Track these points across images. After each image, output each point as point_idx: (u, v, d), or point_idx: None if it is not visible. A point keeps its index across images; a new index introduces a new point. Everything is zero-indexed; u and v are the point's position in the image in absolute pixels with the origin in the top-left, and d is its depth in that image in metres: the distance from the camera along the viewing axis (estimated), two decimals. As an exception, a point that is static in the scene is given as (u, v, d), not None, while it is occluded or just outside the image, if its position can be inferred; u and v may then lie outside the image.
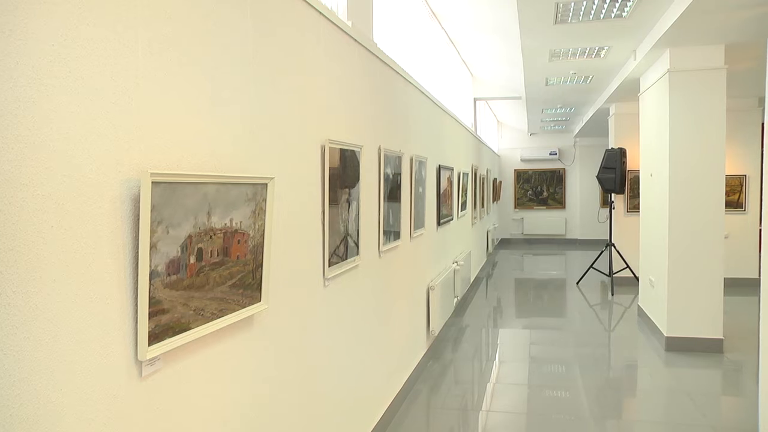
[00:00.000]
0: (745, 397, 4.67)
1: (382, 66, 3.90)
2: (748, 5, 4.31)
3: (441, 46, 7.00)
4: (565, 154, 16.10)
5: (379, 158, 3.74)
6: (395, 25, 5.03)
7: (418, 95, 5.03)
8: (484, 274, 11.01)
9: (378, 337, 3.91)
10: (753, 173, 8.78)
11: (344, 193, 3.10)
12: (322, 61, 2.86)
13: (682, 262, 5.91)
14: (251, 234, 2.07)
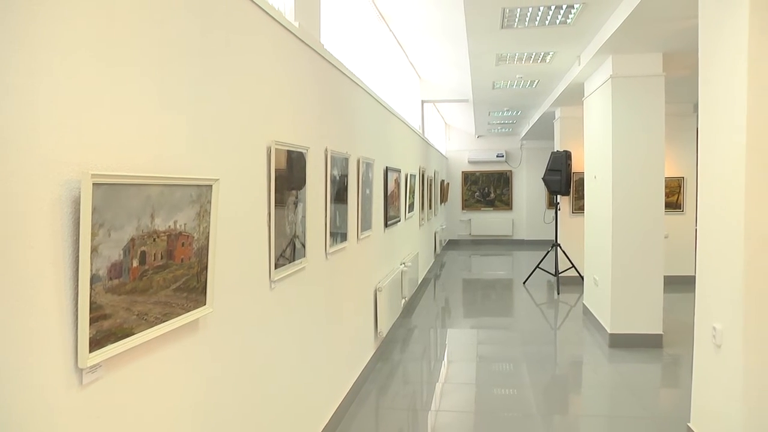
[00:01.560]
0: (682, 388, 4.85)
1: (329, 67, 3.90)
2: (682, 17, 4.48)
3: (389, 49, 7.03)
4: (512, 156, 16.38)
5: (325, 160, 3.74)
6: (343, 27, 5.03)
7: (366, 97, 5.04)
8: (432, 275, 11.10)
9: (326, 339, 3.90)
10: (690, 176, 9.12)
11: (291, 195, 3.09)
12: (268, 61, 2.84)
13: (624, 262, 6.09)
14: (196, 236, 2.04)
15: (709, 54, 3.50)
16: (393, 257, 6.59)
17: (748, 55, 3.01)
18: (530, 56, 6.79)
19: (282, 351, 3.08)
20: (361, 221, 4.75)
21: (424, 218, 9.73)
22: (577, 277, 9.20)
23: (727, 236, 3.24)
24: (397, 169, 6.65)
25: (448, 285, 10.50)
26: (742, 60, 3.06)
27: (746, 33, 3.01)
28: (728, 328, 3.23)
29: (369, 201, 5.08)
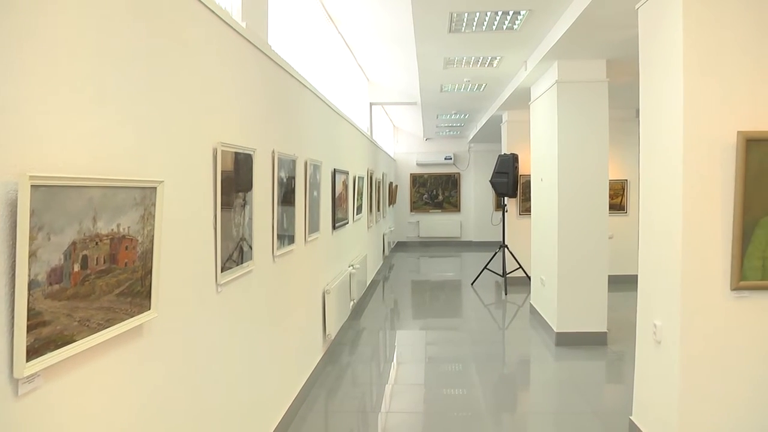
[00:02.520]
0: (625, 384, 4.99)
1: (276, 69, 3.87)
2: (624, 26, 4.62)
3: (337, 51, 7.02)
4: (459, 159, 16.56)
5: (273, 162, 3.70)
6: (291, 28, 4.99)
7: (314, 99, 5.02)
8: (380, 276, 11.12)
9: (273, 343, 3.86)
10: (633, 178, 9.40)
11: (238, 197, 3.05)
12: (215, 62, 2.80)
13: (570, 262, 6.23)
14: (140, 240, 2.00)
15: (649, 63, 3.63)
16: (341, 259, 6.58)
17: (683, 65, 3.12)
18: (478, 60, 6.88)
19: (229, 355, 3.03)
20: (309, 223, 4.73)
21: (372, 220, 9.74)
22: (524, 278, 9.36)
23: (667, 237, 3.35)
24: (345, 171, 6.64)
25: (396, 286, 10.54)
26: (677, 69, 3.17)
27: (681, 44, 3.12)
28: (667, 325, 3.34)
29: (317, 203, 5.06)
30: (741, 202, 3.06)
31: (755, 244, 3.10)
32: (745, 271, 3.11)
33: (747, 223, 3.08)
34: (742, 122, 3.09)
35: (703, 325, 3.18)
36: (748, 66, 3.11)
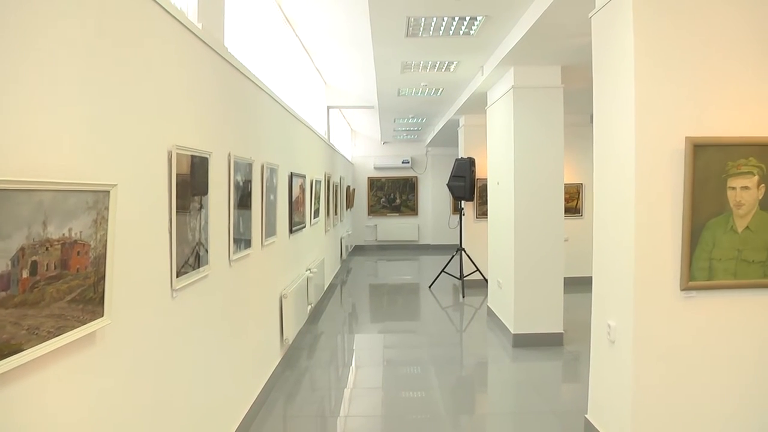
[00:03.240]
0: (581, 383, 5.07)
1: (233, 71, 3.82)
2: (578, 34, 4.72)
3: (295, 54, 6.98)
4: (417, 163, 16.64)
5: (229, 165, 3.66)
6: (248, 30, 4.94)
7: (270, 102, 4.98)
8: (338, 280, 11.09)
9: (230, 348, 3.81)
10: (588, 182, 9.58)
11: (193, 201, 3.00)
12: (170, 63, 2.75)
13: (526, 265, 6.31)
14: (93, 245, 1.95)
15: (601, 70, 3.71)
16: (298, 263, 6.54)
17: (634, 72, 3.20)
18: (435, 65, 6.93)
19: (185, 361, 2.98)
20: (266, 227, 4.68)
21: (330, 224, 9.71)
22: (482, 280, 9.45)
23: (619, 239, 3.43)
24: (302, 175, 6.60)
25: (354, 290, 10.52)
26: (629, 77, 3.25)
27: (632, 52, 3.20)
28: (620, 325, 3.42)
29: (273, 207, 5.01)
30: (689, 205, 3.16)
31: (702, 246, 3.20)
32: (694, 272, 3.21)
33: (695, 226, 3.18)
34: (690, 128, 3.19)
35: (655, 325, 3.26)
36: (695, 74, 3.21)
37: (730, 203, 3.19)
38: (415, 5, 4.78)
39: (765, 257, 3.25)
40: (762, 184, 3.20)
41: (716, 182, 3.17)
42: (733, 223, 3.20)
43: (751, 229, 3.22)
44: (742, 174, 3.18)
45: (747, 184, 3.18)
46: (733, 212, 3.20)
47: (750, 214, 3.21)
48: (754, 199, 3.20)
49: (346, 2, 5.45)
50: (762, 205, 3.21)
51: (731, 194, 3.18)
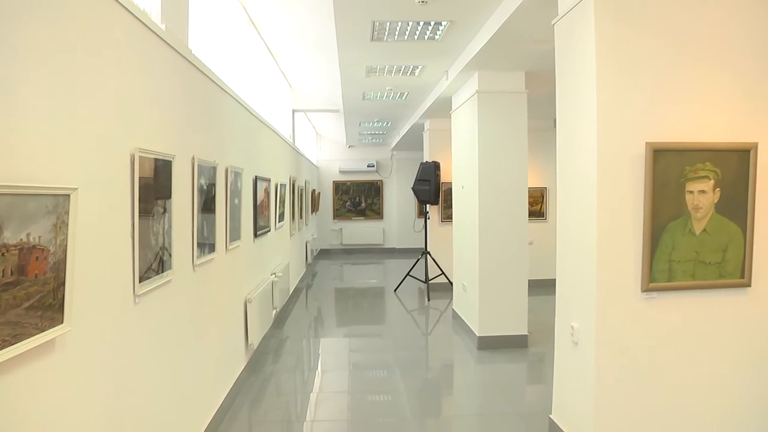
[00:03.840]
0: (545, 384, 5.14)
1: (197, 73, 3.78)
2: (542, 40, 4.78)
3: (260, 56, 6.93)
4: (382, 167, 16.66)
5: (192, 168, 3.61)
6: (212, 32, 4.89)
7: (235, 105, 4.94)
8: (303, 284, 11.03)
9: (194, 353, 3.76)
10: (552, 186, 9.71)
11: (157, 205, 2.95)
12: (132, 64, 2.70)
13: (491, 268, 6.37)
14: (52, 250, 1.90)
15: (564, 76, 3.77)
16: (263, 267, 6.48)
17: (596, 79, 3.26)
18: (400, 69, 6.96)
19: (148, 368, 2.93)
20: (230, 231, 4.63)
21: (295, 228, 9.66)
22: (447, 284, 9.50)
23: (582, 242, 3.48)
24: (267, 179, 6.56)
25: (320, 294, 10.48)
26: (591, 83, 3.31)
27: (593, 59, 3.27)
28: (583, 326, 3.47)
29: (238, 211, 4.97)
30: (650, 208, 3.23)
31: (662, 248, 3.27)
32: (654, 274, 3.28)
33: (655, 229, 3.25)
34: (650, 134, 3.26)
35: (617, 326, 3.32)
36: (655, 81, 3.29)
37: (688, 207, 3.27)
38: (380, 9, 4.79)
39: (720, 259, 3.34)
40: (717, 188, 3.29)
41: (675, 186, 3.25)
42: (691, 225, 3.29)
43: (708, 232, 3.31)
44: (699, 178, 3.27)
45: (704, 188, 3.27)
46: (691, 215, 3.28)
47: (707, 217, 3.30)
48: (710, 202, 3.29)
49: (311, 5, 5.44)
50: (718, 208, 3.31)
51: (689, 198, 3.27)
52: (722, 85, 3.36)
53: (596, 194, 3.28)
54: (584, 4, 3.35)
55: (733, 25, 3.36)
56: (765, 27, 3.40)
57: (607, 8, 3.26)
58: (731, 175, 3.31)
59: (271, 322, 6.69)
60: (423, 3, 4.51)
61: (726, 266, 3.36)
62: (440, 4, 4.61)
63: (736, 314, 3.43)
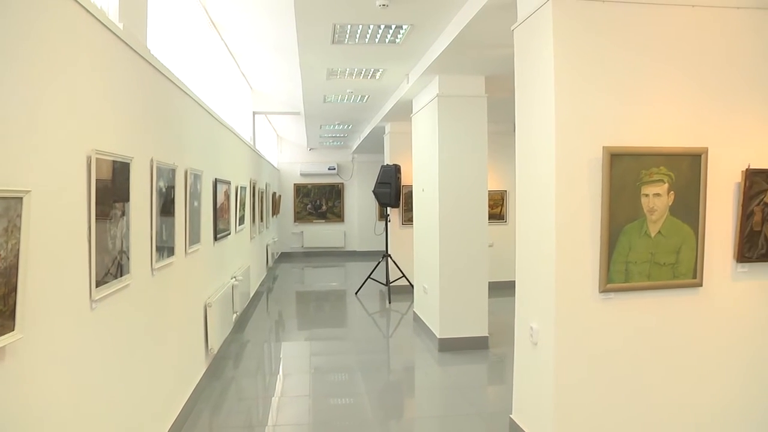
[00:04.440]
0: (506, 384, 5.19)
1: (156, 74, 3.72)
2: (502, 45, 4.84)
3: (220, 58, 6.86)
4: (343, 169, 16.63)
5: (151, 171, 3.55)
6: (172, 33, 4.82)
7: (195, 106, 4.87)
8: (264, 288, 10.94)
9: (153, 359, 3.69)
10: (512, 189, 9.80)
11: (114, 208, 2.89)
12: (89, 64, 2.64)
13: (451, 270, 6.41)
14: (3, 254, 1.84)
15: (523, 81, 3.83)
16: (223, 271, 6.41)
17: (554, 84, 3.32)
18: (360, 72, 6.96)
19: (105, 374, 2.86)
20: (190, 235, 4.57)
21: (255, 231, 9.57)
22: (408, 286, 9.53)
23: (541, 244, 3.54)
24: (227, 181, 6.49)
25: (281, 298, 10.41)
26: (549, 88, 3.37)
27: (552, 65, 3.32)
28: (542, 327, 3.52)
29: (197, 214, 4.90)
30: (607, 211, 3.30)
31: (619, 249, 3.35)
32: (612, 275, 3.35)
33: (612, 231, 3.32)
34: (607, 138, 3.34)
35: (575, 326, 3.39)
36: (612, 86, 3.37)
37: (644, 209, 3.36)
38: (342, 12, 4.78)
39: (675, 260, 3.44)
40: (672, 191, 3.38)
41: (631, 189, 3.33)
42: (647, 228, 3.37)
43: (662, 234, 3.40)
44: (654, 182, 3.35)
45: (659, 192, 3.36)
46: (647, 218, 3.37)
47: (662, 219, 3.39)
48: (665, 205, 3.38)
49: (272, 7, 5.41)
50: (672, 211, 3.40)
51: (645, 201, 3.35)
52: (676, 92, 3.47)
53: (554, 197, 3.34)
54: (543, 10, 3.40)
55: (688, 33, 3.47)
56: (718, 36, 3.51)
57: (565, 15, 3.32)
58: (684, 179, 3.41)
59: (232, 327, 6.62)
60: (384, 6, 4.52)
61: (679, 267, 3.46)
62: (401, 8, 4.63)
63: (688, 313, 3.54)
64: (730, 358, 3.61)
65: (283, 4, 4.87)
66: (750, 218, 3.56)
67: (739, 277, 3.63)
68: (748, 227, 3.56)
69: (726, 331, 3.61)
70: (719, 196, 3.54)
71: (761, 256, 3.61)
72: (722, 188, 3.55)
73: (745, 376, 3.64)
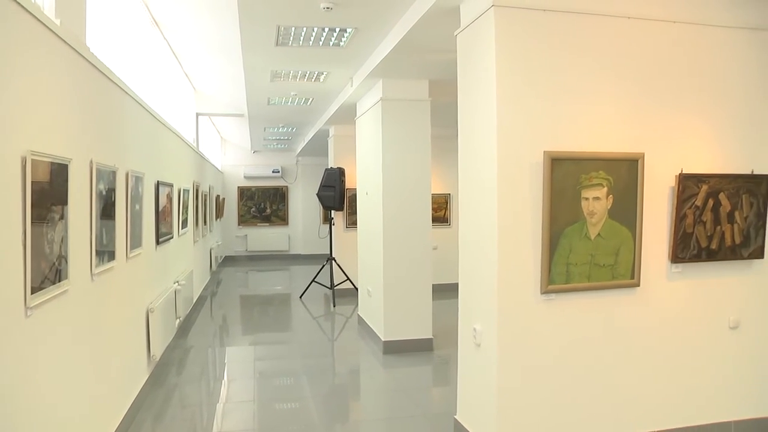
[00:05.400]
0: (450, 386, 5.24)
1: (95, 73, 3.62)
2: (445, 50, 4.89)
3: (163, 57, 6.72)
4: (287, 172, 16.52)
5: (91, 173, 3.45)
6: (112, 30, 4.70)
7: (136, 107, 4.76)
8: (208, 292, 10.76)
9: (92, 367, 3.58)
10: (456, 192, 9.91)
11: (51, 211, 2.80)
12: (24, 63, 2.56)
13: (395, 273, 6.44)
14: (-66, 259, 1.77)
15: (466, 86, 3.89)
16: (166, 276, 6.28)
17: (496, 90, 3.39)
18: (305, 75, 6.93)
19: (41, 384, 2.76)
20: (131, 239, 4.46)
21: (198, 234, 9.40)
22: (352, 289, 9.52)
23: (483, 247, 3.60)
24: (170, 184, 6.36)
25: (225, 302, 10.26)
26: (491, 94, 3.44)
27: (494, 72, 3.39)
28: (485, 328, 3.58)
29: (139, 217, 4.79)
30: (548, 214, 3.39)
31: (560, 251, 3.44)
32: (553, 276, 3.44)
33: (554, 233, 3.41)
34: (548, 143, 3.43)
35: (517, 327, 3.46)
36: (553, 92, 3.47)
37: (584, 212, 3.47)
38: (286, 14, 4.76)
39: (613, 261, 3.56)
40: (610, 195, 3.51)
41: (572, 193, 3.43)
42: (587, 230, 3.48)
43: (602, 236, 3.51)
44: (593, 186, 3.46)
45: (598, 195, 3.47)
46: (587, 221, 3.48)
47: (601, 222, 3.50)
48: (604, 208, 3.50)
49: (215, 7, 5.33)
50: (611, 214, 3.52)
51: (585, 204, 3.46)
52: (615, 99, 3.60)
53: (496, 201, 3.40)
54: (485, 17, 3.47)
55: (625, 43, 3.61)
56: (654, 46, 3.66)
57: (507, 22, 3.39)
58: (622, 183, 3.54)
59: (175, 332, 6.49)
60: (328, 9, 4.52)
61: (618, 268, 3.58)
62: (345, 12, 4.64)
63: (627, 312, 3.68)
64: (666, 353, 3.78)
65: (227, 4, 4.81)
66: (683, 221, 3.72)
67: (673, 276, 3.80)
68: (681, 229, 3.72)
69: (661, 327, 3.77)
70: (655, 200, 3.70)
71: (693, 257, 3.78)
72: (657, 192, 3.71)
73: (678, 368, 3.83)
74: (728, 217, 3.83)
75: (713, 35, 3.79)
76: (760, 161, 3.92)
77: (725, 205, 3.81)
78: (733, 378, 3.95)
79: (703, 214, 3.77)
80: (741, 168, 3.87)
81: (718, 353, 3.92)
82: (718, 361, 3.92)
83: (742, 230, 3.88)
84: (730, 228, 3.85)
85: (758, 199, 3.88)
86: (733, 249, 3.88)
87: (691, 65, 3.76)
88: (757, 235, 3.92)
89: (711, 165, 3.81)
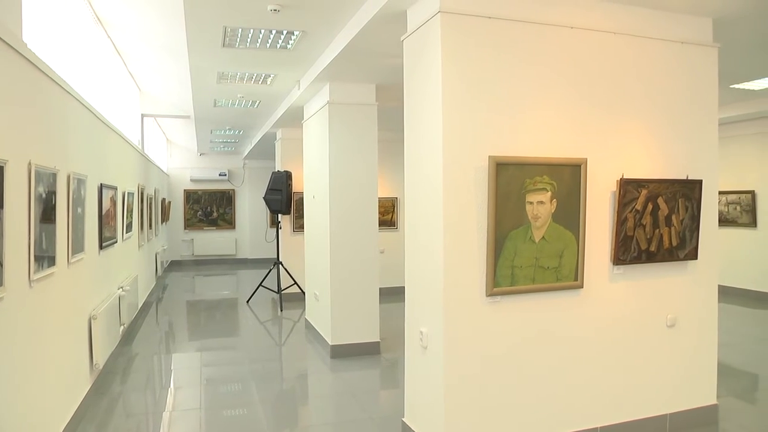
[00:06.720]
0: (398, 388, 5.29)
1: (34, 71, 3.50)
2: (392, 55, 4.93)
3: (106, 56, 6.55)
4: (234, 176, 16.32)
5: (29, 175, 3.34)
6: (53, 27, 4.56)
7: (78, 107, 4.64)
8: (153, 298, 10.53)
9: (31, 378, 3.46)
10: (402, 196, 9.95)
11: (-12, 215, 2.71)
12: (-42, 62, 2.47)
13: (342, 276, 6.44)
14: None
15: (412, 92, 3.93)
16: (110, 281, 6.12)
17: (442, 96, 3.44)
18: (252, 77, 6.87)
19: (-24, 394, 2.66)
20: (72, 243, 4.34)
21: (143, 239, 9.20)
22: (300, 294, 9.48)
23: (429, 250, 3.64)
24: (114, 187, 6.21)
25: (171, 308, 10.06)
26: (437, 100, 3.49)
27: (440, 78, 3.45)
28: (432, 331, 3.62)
29: (81, 221, 4.66)
30: (493, 218, 3.45)
31: (505, 254, 3.51)
32: (498, 279, 3.51)
33: (499, 237, 3.48)
34: (493, 148, 3.50)
35: (463, 329, 3.51)
36: (498, 98, 3.54)
37: (529, 216, 3.54)
38: (232, 16, 4.71)
39: (557, 263, 3.65)
40: (554, 199, 3.60)
41: (517, 197, 3.51)
42: (531, 234, 3.56)
43: (546, 239, 3.60)
44: (537, 190, 3.55)
45: (542, 199, 3.56)
46: (531, 224, 3.56)
47: (545, 226, 3.59)
48: (548, 212, 3.59)
49: (161, 7, 5.24)
50: (554, 217, 3.62)
51: (529, 208, 3.54)
52: (559, 106, 3.70)
53: (442, 204, 3.45)
54: (432, 23, 3.52)
55: (568, 52, 3.72)
56: (596, 56, 3.79)
57: (453, 28, 3.45)
58: (566, 188, 3.64)
59: (119, 339, 6.33)
60: (275, 12, 4.50)
61: (562, 270, 3.68)
62: (293, 14, 4.62)
63: (571, 312, 3.79)
64: (608, 352, 3.92)
65: (173, 2, 4.73)
66: (624, 224, 3.85)
67: (615, 278, 3.93)
68: (622, 232, 3.85)
69: (604, 327, 3.91)
70: (597, 204, 3.82)
71: (634, 259, 3.92)
72: (600, 196, 3.83)
73: (621, 365, 3.97)
74: (666, 221, 3.99)
75: (651, 47, 3.95)
76: (695, 167, 4.10)
77: (663, 208, 3.96)
78: (669, 373, 4.13)
79: (642, 217, 3.91)
80: (678, 173, 4.04)
81: (656, 350, 4.07)
82: (657, 358, 4.08)
83: (679, 233, 4.04)
84: (668, 231, 4.00)
85: (692, 202, 4.06)
86: (671, 251, 4.03)
87: (631, 75, 3.90)
88: (692, 237, 4.09)
89: (650, 170, 3.97)
